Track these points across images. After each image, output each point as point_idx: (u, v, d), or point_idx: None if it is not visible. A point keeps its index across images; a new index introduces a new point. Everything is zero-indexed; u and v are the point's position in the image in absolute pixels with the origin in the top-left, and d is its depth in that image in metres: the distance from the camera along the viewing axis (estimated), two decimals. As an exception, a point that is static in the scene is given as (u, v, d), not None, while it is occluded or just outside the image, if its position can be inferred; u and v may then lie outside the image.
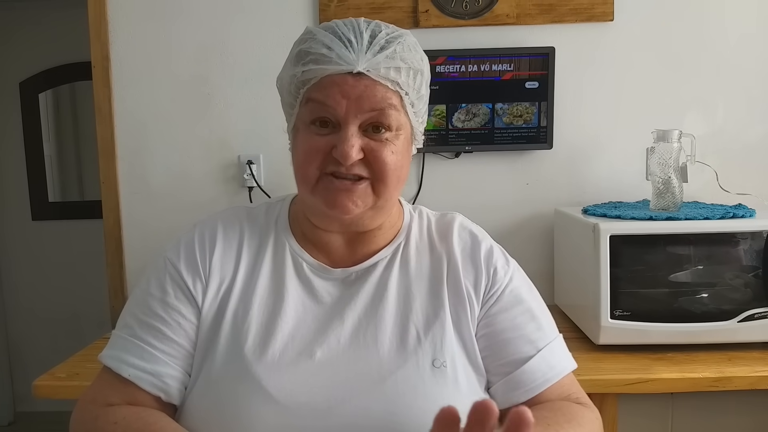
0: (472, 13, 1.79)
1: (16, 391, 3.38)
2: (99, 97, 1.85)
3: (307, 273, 0.86)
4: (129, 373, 0.80)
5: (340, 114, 0.77)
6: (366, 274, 0.87)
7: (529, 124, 1.80)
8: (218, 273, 0.85)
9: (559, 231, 1.77)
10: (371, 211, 0.83)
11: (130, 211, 1.90)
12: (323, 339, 0.81)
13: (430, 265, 0.88)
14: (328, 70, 0.76)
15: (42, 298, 3.32)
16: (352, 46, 0.76)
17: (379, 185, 0.80)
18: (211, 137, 1.87)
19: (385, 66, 0.77)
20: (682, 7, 1.81)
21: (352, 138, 0.77)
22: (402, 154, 0.81)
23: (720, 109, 1.83)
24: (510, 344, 0.84)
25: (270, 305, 0.83)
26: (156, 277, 0.86)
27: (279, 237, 0.89)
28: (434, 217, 0.95)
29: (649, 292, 1.44)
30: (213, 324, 0.83)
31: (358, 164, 0.78)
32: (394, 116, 0.79)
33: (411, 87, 0.80)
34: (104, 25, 1.83)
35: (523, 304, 0.88)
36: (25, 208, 3.30)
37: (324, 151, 0.78)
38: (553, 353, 0.86)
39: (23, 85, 3.21)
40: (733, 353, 1.40)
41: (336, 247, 0.88)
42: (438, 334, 0.82)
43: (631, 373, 1.31)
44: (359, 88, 0.76)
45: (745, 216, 1.46)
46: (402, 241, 0.90)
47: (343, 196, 0.79)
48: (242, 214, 0.92)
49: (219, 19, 1.83)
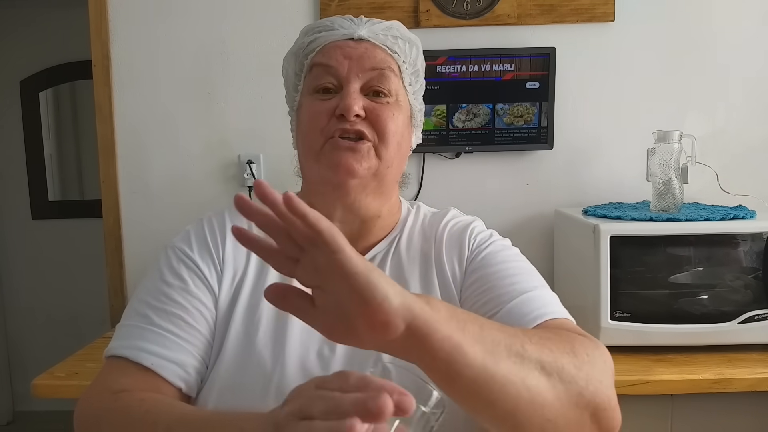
0: (473, 13, 1.79)
1: (15, 391, 3.38)
2: (99, 96, 1.85)
3: None
4: (152, 362, 0.73)
5: (342, 73, 0.82)
6: None
7: (529, 125, 1.79)
8: (231, 264, 0.84)
9: (559, 232, 1.77)
10: (374, 181, 0.83)
11: (129, 210, 1.89)
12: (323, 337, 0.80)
13: (421, 251, 0.90)
14: (331, 36, 0.83)
15: (41, 297, 3.32)
16: (353, 21, 0.85)
17: (381, 147, 0.82)
18: (211, 136, 1.87)
19: (383, 33, 0.84)
20: (683, 7, 1.81)
21: (354, 93, 0.81)
22: (402, 125, 0.85)
23: (721, 111, 1.83)
24: (501, 284, 0.79)
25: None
26: (169, 267, 0.83)
27: None
28: (431, 213, 0.97)
29: (649, 293, 1.44)
30: (226, 315, 0.81)
31: (360, 122, 0.81)
32: (393, 80, 0.83)
33: (407, 56, 0.86)
34: (105, 24, 1.83)
35: (509, 260, 0.84)
36: (24, 207, 3.30)
37: (328, 113, 0.81)
38: (549, 296, 0.79)
39: (23, 84, 3.21)
40: (733, 355, 1.40)
41: None
42: None
43: (630, 374, 1.31)
44: (360, 49, 0.83)
45: (745, 217, 1.46)
46: (396, 235, 0.91)
47: (347, 155, 0.80)
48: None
49: (219, 19, 1.83)
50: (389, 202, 0.90)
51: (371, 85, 0.82)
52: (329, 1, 1.79)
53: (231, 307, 0.82)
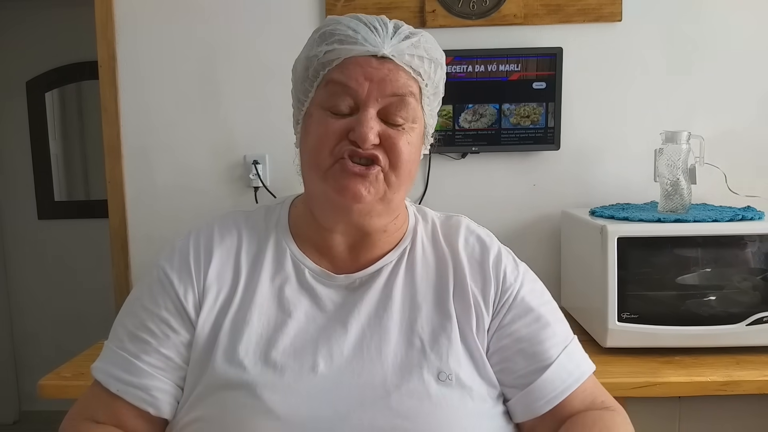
0: (479, 13, 1.79)
1: (21, 390, 3.38)
2: (105, 96, 1.85)
3: (309, 280, 0.83)
4: (117, 388, 0.78)
5: (361, 96, 0.76)
6: (370, 280, 0.84)
7: (536, 125, 1.79)
8: (215, 283, 0.82)
9: (566, 233, 1.76)
10: (380, 204, 0.79)
11: (135, 210, 1.90)
12: (326, 350, 0.78)
13: (436, 272, 0.85)
14: (353, 51, 0.75)
15: (47, 298, 3.33)
16: (377, 31, 0.76)
17: (391, 174, 0.78)
18: (217, 137, 1.87)
19: (409, 53, 0.77)
20: (690, 7, 1.80)
21: (371, 120, 0.75)
22: (416, 147, 0.81)
23: (729, 111, 1.82)
24: (525, 355, 0.82)
25: (271, 314, 0.81)
26: (148, 287, 0.83)
27: (279, 242, 0.86)
28: (439, 219, 0.92)
29: (656, 294, 1.43)
30: (210, 336, 0.80)
31: (374, 148, 0.76)
32: (413, 106, 0.78)
33: (431, 79, 0.80)
34: (111, 25, 1.83)
35: (535, 311, 0.84)
36: (31, 207, 3.31)
37: (339, 135, 0.77)
38: (570, 358, 0.83)
39: (30, 84, 3.22)
40: (742, 357, 1.39)
41: (339, 251, 0.85)
42: (444, 346, 0.79)
43: (638, 376, 1.30)
44: (383, 71, 0.76)
45: (753, 218, 1.45)
46: (408, 245, 0.87)
47: (356, 181, 0.76)
48: (240, 220, 0.88)
49: (225, 19, 1.83)
50: (396, 217, 0.86)
51: (389, 111, 0.77)
52: (335, 1, 1.79)
53: (217, 326, 0.80)
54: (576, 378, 0.82)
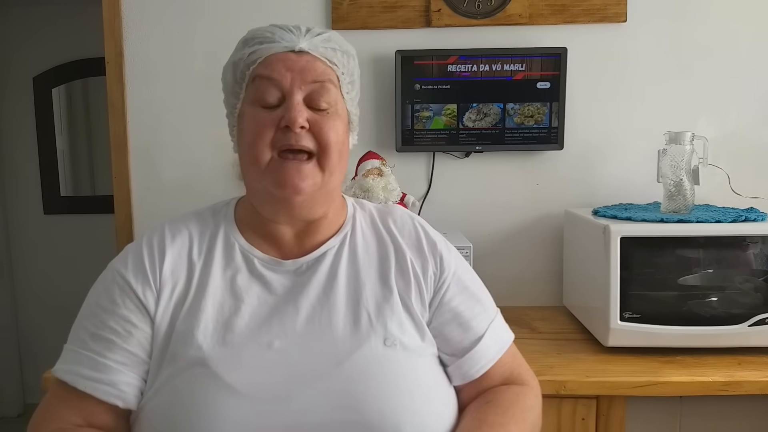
0: (484, 12, 1.79)
1: (26, 383, 3.41)
2: (112, 92, 1.87)
3: (259, 268, 0.89)
4: (85, 386, 0.81)
5: (286, 85, 0.83)
6: (316, 264, 0.90)
7: (540, 125, 1.79)
8: (170, 279, 0.87)
9: (568, 232, 1.77)
10: (319, 193, 0.86)
11: (141, 206, 1.91)
12: (279, 328, 0.84)
13: (377, 253, 0.93)
14: (273, 48, 0.84)
15: (53, 292, 3.35)
16: (292, 32, 0.86)
17: (323, 158, 0.85)
18: (222, 133, 1.85)
19: (323, 46, 0.86)
20: (695, 8, 1.80)
21: (299, 105, 0.83)
22: (342, 134, 0.88)
23: (732, 112, 1.82)
24: (462, 328, 0.92)
25: (224, 302, 0.86)
26: (105, 290, 0.88)
27: (227, 237, 0.92)
28: (376, 209, 1.00)
29: (659, 294, 1.43)
30: (168, 327, 0.84)
31: (305, 136, 0.83)
32: (333, 92, 0.86)
33: (346, 67, 0.89)
34: (118, 21, 1.84)
35: (468, 288, 0.95)
36: (37, 202, 3.33)
37: (272, 125, 0.83)
38: (496, 329, 0.95)
39: (36, 81, 3.23)
40: (744, 357, 1.39)
41: (286, 240, 0.91)
42: (387, 315, 0.87)
43: (640, 375, 1.31)
44: (302, 62, 0.84)
45: (756, 219, 1.45)
46: (348, 231, 0.94)
47: (293, 174, 0.83)
48: (190, 219, 0.95)
49: (232, 16, 1.84)
50: (335, 203, 0.93)
51: (313, 98, 0.84)
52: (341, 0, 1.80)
53: (174, 319, 0.85)
54: (500, 347, 0.94)
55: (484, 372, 0.91)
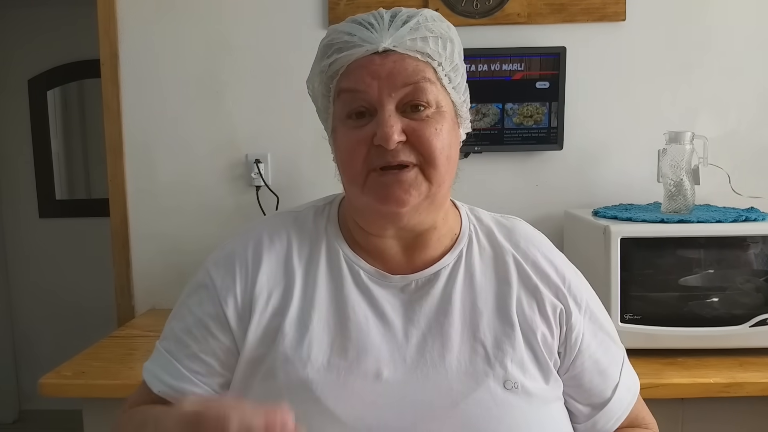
0: (482, 12, 1.78)
1: (22, 389, 3.39)
2: (107, 94, 1.85)
3: (366, 281, 0.81)
4: (159, 390, 0.79)
5: (373, 96, 0.73)
6: (428, 285, 0.81)
7: (539, 125, 1.78)
8: (265, 289, 0.80)
9: (568, 233, 1.76)
10: (426, 201, 0.77)
11: (137, 209, 1.89)
12: (389, 357, 0.76)
13: (496, 277, 0.83)
14: (352, 55, 0.74)
15: (48, 296, 3.33)
16: (373, 27, 0.75)
17: (428, 169, 0.75)
18: (218, 136, 1.87)
19: (410, 38, 0.74)
20: (693, 7, 1.79)
21: (391, 119, 0.72)
22: (448, 133, 0.77)
23: (733, 111, 1.82)
24: (602, 377, 0.83)
25: (332, 319, 0.79)
26: (195, 288, 0.83)
27: (331, 244, 0.83)
28: (494, 221, 0.89)
29: (659, 295, 1.43)
30: (265, 341, 0.78)
31: (402, 149, 0.73)
32: (431, 90, 0.75)
33: (443, 56, 0.76)
34: (113, 23, 1.83)
35: (603, 326, 0.85)
36: (32, 206, 3.31)
37: (366, 142, 0.74)
38: (628, 374, 0.86)
39: (31, 83, 3.22)
40: (745, 359, 1.38)
41: (392, 255, 0.82)
42: (508, 353, 0.77)
43: (641, 377, 1.27)
44: (388, 65, 0.73)
45: (757, 219, 1.45)
46: (464, 248, 0.84)
47: (395, 187, 0.74)
48: (289, 221, 0.86)
49: (228, 17, 1.83)
50: (443, 209, 0.83)
51: (407, 101, 0.74)
52: (338, 0, 1.78)
53: (273, 331, 0.78)
54: (633, 394, 0.85)
55: (618, 425, 0.83)
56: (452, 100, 0.79)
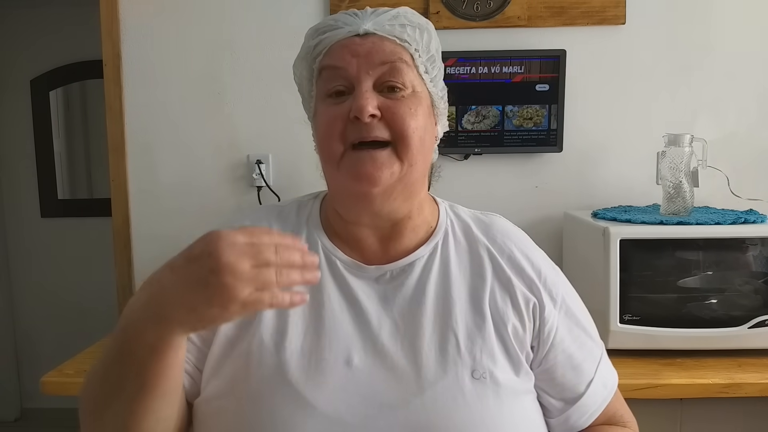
0: (483, 14, 1.79)
1: (24, 387, 3.39)
2: (110, 95, 1.86)
3: (342, 271, 0.83)
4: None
5: (352, 72, 0.77)
6: (402, 275, 0.83)
7: (539, 127, 1.79)
8: None
9: (568, 234, 1.77)
10: (399, 184, 0.78)
11: (139, 208, 1.90)
12: (360, 344, 0.78)
13: (470, 270, 0.84)
14: (336, 35, 0.79)
15: (50, 295, 3.34)
16: (357, 15, 0.81)
17: (401, 147, 0.77)
18: (220, 136, 1.87)
19: (389, 23, 0.79)
20: (693, 10, 1.80)
21: (367, 93, 0.76)
22: (423, 118, 0.79)
23: (732, 114, 1.82)
24: (575, 372, 0.83)
25: (307, 306, 0.79)
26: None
27: (311, 234, 0.86)
28: (472, 217, 0.91)
29: (658, 297, 1.43)
30: (242, 323, 0.78)
31: (377, 125, 0.76)
32: (407, 72, 0.78)
33: (420, 43, 0.80)
34: (116, 24, 1.84)
35: (579, 321, 0.86)
36: (34, 205, 3.32)
37: (343, 117, 0.77)
38: (604, 370, 0.86)
39: (34, 83, 3.23)
40: (743, 360, 1.39)
41: (368, 244, 0.84)
42: (478, 343, 0.78)
43: (640, 378, 1.31)
44: (367, 44, 0.78)
45: (756, 221, 1.45)
46: (439, 241, 0.86)
47: (367, 164, 0.76)
48: (272, 214, 0.89)
49: (230, 18, 1.84)
50: (418, 198, 0.84)
51: (384, 81, 0.77)
52: (339, 1, 1.79)
53: (250, 317, 0.78)
54: (609, 390, 0.85)
55: (592, 421, 0.84)
56: (428, 90, 0.82)
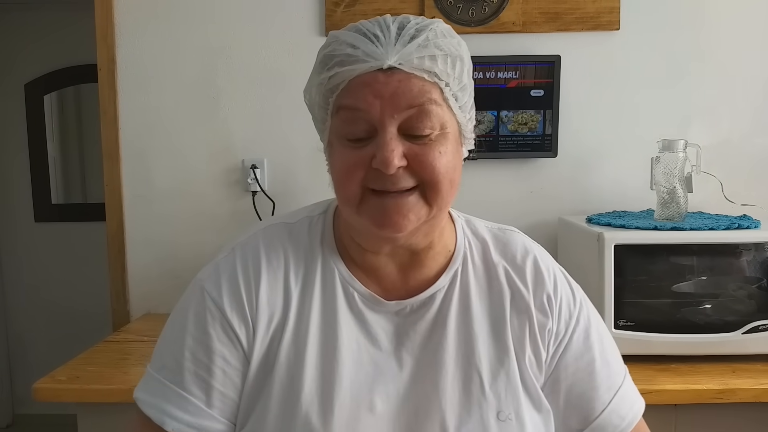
0: (478, 20, 1.79)
1: (16, 393, 3.37)
2: (104, 99, 1.86)
3: (360, 305, 0.77)
4: (173, 428, 0.72)
5: (374, 116, 0.67)
6: (422, 308, 0.78)
7: (533, 132, 1.79)
8: (266, 310, 0.75)
9: (562, 240, 1.77)
10: (425, 225, 0.73)
11: (133, 213, 1.89)
12: (382, 387, 0.74)
13: (490, 298, 0.79)
14: (355, 70, 0.68)
15: (43, 301, 3.32)
16: (379, 40, 0.68)
17: (430, 193, 0.70)
18: (215, 141, 1.87)
19: (418, 56, 0.67)
20: (687, 16, 1.81)
21: (392, 142, 0.67)
22: (452, 154, 0.71)
23: (725, 120, 1.83)
24: (581, 399, 0.79)
25: (325, 346, 0.75)
26: (195, 314, 0.75)
27: (327, 262, 0.79)
28: (490, 234, 0.85)
29: (653, 302, 1.43)
30: (263, 367, 0.74)
31: (403, 174, 0.69)
32: (436, 113, 0.69)
33: (451, 76, 0.70)
34: (111, 28, 1.84)
35: (593, 347, 0.80)
36: (27, 210, 3.30)
37: (364, 164, 0.69)
38: (623, 400, 0.81)
39: (28, 87, 3.22)
40: (738, 365, 1.39)
41: (387, 273, 0.79)
42: (502, 383, 0.75)
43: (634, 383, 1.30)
44: (392, 84, 0.67)
45: (750, 227, 1.46)
46: (459, 267, 0.80)
47: (392, 211, 0.69)
48: (284, 234, 0.81)
49: (225, 23, 1.84)
50: (440, 227, 0.79)
51: (410, 125, 0.68)
52: (335, 6, 1.79)
53: (271, 358, 0.74)
54: (628, 423, 0.80)
55: None
56: (457, 120, 0.73)
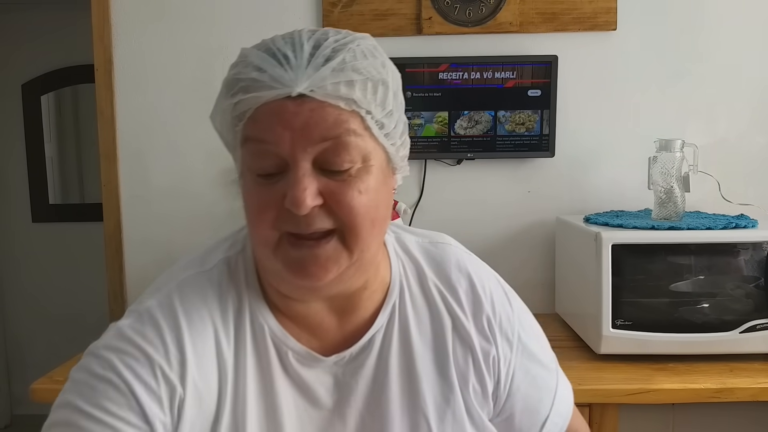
0: (475, 20, 1.80)
1: (14, 394, 3.37)
2: (101, 100, 1.85)
3: (295, 365, 0.69)
4: None
5: (284, 150, 0.59)
6: (362, 354, 0.71)
7: (531, 132, 1.79)
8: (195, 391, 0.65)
9: (560, 239, 1.77)
10: (350, 270, 0.65)
11: (130, 214, 1.89)
12: None
13: (432, 328, 0.74)
14: (260, 98, 0.60)
15: (41, 301, 3.32)
16: (288, 62, 0.60)
17: (349, 237, 0.62)
18: (212, 141, 1.84)
19: (332, 81, 0.59)
20: (684, 17, 1.81)
21: (305, 179, 0.59)
22: (375, 191, 0.63)
23: (722, 119, 1.83)
24: (529, 413, 0.77)
25: (264, 418, 0.68)
26: (88, 390, 0.63)
27: (255, 317, 0.69)
28: (422, 252, 0.79)
29: (650, 301, 1.43)
30: None
31: (319, 213, 0.61)
32: (356, 144, 0.60)
33: (372, 103, 0.61)
34: (108, 29, 1.83)
35: (534, 355, 0.79)
36: (25, 210, 3.30)
37: (275, 204, 0.61)
38: (562, 399, 0.80)
39: (25, 87, 3.22)
40: (735, 364, 1.39)
41: (319, 322, 0.71)
42: (449, 423, 0.71)
43: (632, 383, 1.31)
44: (303, 114, 0.59)
45: (747, 226, 1.46)
46: (396, 300, 0.74)
47: (309, 262, 0.62)
48: (204, 288, 0.70)
49: (222, 24, 1.83)
50: (374, 265, 0.71)
51: (326, 160, 0.60)
52: (332, 7, 1.79)
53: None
54: (565, 419, 0.81)
55: None
56: (385, 149, 0.65)
